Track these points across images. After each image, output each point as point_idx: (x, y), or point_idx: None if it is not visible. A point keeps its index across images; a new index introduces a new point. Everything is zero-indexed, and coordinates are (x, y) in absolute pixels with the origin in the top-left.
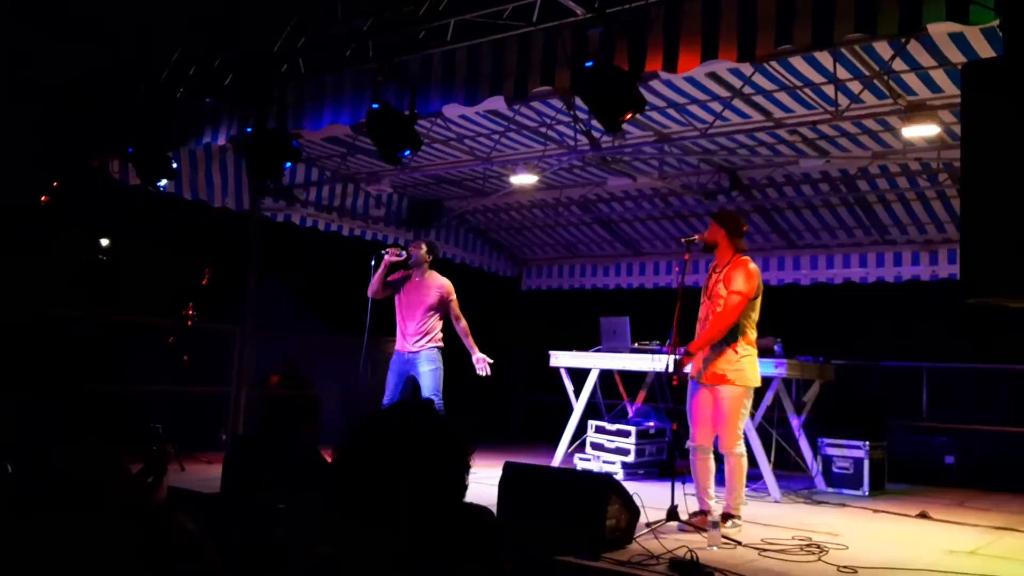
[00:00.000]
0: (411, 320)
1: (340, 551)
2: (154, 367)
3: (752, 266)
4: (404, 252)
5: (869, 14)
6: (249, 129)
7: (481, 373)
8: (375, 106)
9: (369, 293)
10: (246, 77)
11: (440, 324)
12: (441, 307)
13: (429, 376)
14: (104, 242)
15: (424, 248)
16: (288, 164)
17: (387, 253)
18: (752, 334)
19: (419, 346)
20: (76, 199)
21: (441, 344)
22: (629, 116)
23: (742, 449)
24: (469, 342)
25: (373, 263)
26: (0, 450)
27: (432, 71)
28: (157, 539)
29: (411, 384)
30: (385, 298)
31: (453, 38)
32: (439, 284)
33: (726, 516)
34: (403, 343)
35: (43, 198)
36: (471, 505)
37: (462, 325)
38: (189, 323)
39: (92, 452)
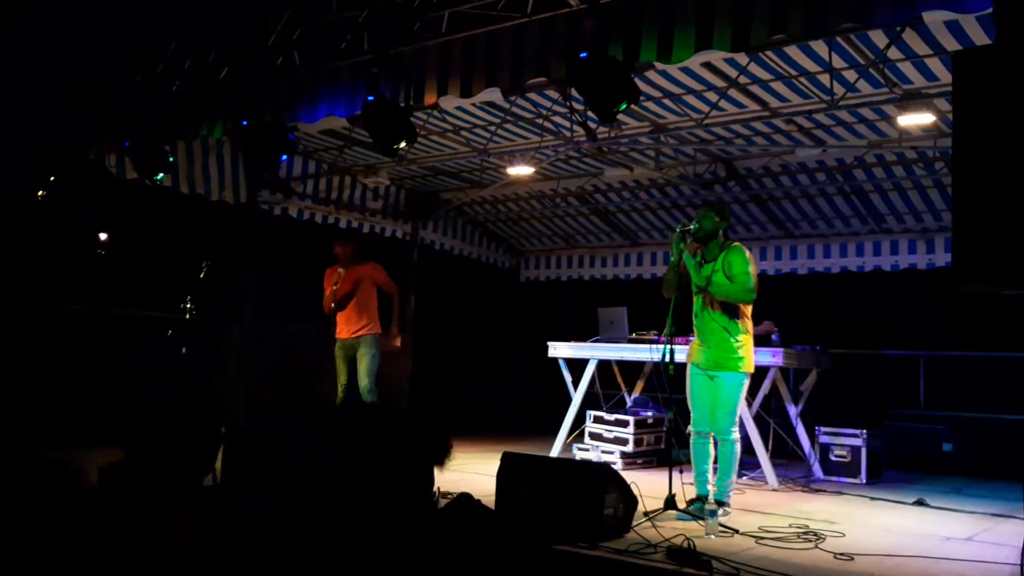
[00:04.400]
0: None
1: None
2: (153, 360)
3: (748, 251)
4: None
5: (863, 2)
6: (245, 122)
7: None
8: (371, 98)
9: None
10: (242, 70)
11: (373, 311)
12: (367, 291)
13: (364, 360)
14: (103, 236)
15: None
16: (284, 157)
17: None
18: (750, 322)
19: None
20: (73, 193)
21: (378, 331)
22: (624, 107)
23: (737, 435)
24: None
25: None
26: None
27: (427, 63)
28: None
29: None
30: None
31: (447, 30)
32: (362, 269)
33: (718, 503)
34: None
35: (40, 192)
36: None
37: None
38: (188, 316)
39: None
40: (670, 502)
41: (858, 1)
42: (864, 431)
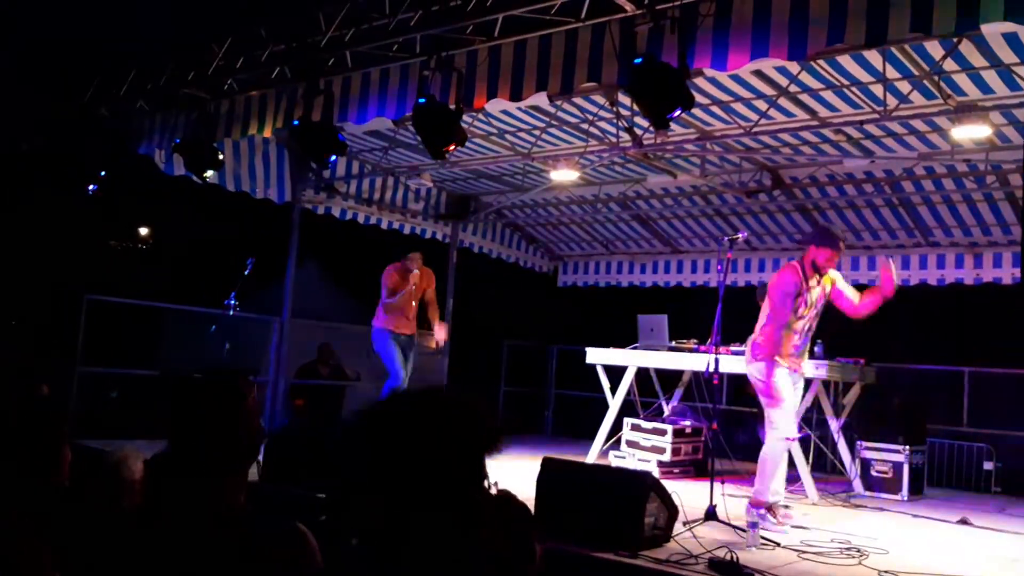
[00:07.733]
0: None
1: (363, 537)
2: (196, 354)
3: (784, 270)
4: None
5: (925, 13)
6: (296, 122)
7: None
8: (422, 100)
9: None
10: (293, 70)
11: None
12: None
13: (414, 357)
14: (144, 231)
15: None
16: (334, 158)
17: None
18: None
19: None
20: (122, 189)
21: (375, 324)
22: (678, 113)
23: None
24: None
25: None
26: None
27: (478, 66)
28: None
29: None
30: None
31: (500, 33)
32: (429, 274)
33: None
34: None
35: (92, 188)
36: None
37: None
38: (231, 312)
39: None
40: (711, 514)
41: (919, 10)
42: (906, 447)
